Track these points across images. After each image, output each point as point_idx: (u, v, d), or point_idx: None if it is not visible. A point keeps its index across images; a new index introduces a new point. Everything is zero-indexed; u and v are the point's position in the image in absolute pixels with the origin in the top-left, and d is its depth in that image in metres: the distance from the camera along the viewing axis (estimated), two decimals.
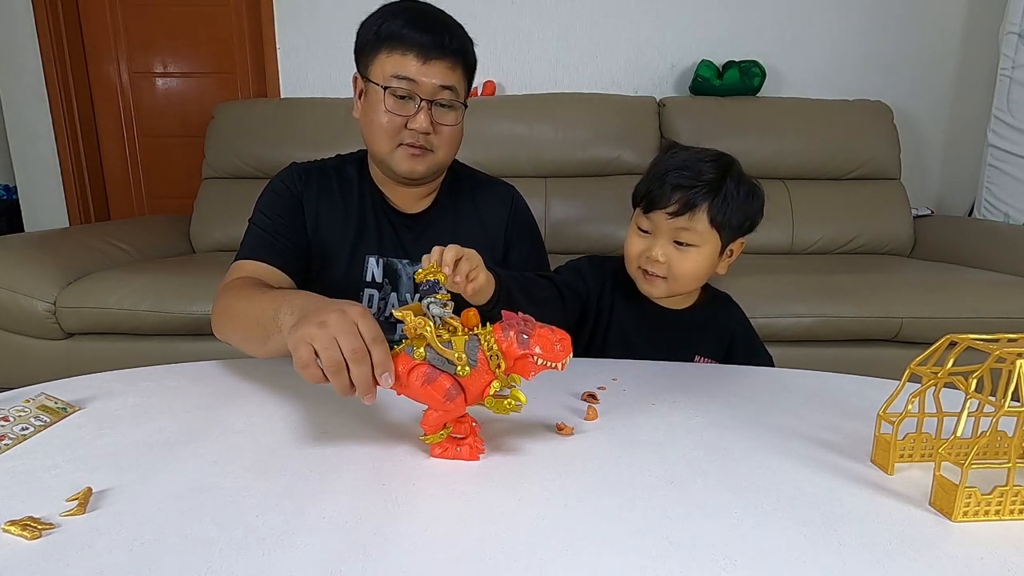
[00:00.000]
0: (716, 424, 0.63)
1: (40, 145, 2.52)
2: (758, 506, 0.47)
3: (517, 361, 0.52)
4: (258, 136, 2.20)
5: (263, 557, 0.40)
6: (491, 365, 0.52)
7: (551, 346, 0.51)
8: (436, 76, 0.82)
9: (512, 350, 0.51)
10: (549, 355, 0.51)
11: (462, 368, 0.51)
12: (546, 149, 2.17)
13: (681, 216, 0.77)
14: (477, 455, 0.54)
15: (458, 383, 0.52)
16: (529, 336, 0.51)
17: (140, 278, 1.64)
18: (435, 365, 0.52)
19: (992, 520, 0.45)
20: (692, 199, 0.76)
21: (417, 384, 0.52)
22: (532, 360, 0.51)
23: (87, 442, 0.56)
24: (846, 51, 2.42)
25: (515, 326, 0.52)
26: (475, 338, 0.52)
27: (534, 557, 0.40)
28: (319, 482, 0.49)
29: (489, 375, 0.52)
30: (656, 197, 0.77)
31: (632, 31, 2.40)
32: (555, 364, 0.51)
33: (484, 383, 0.52)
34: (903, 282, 1.69)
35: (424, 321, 0.52)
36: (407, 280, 0.93)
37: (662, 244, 0.79)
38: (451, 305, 0.54)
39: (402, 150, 0.86)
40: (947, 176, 2.54)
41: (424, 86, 0.82)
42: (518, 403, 0.53)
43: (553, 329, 0.52)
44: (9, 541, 0.41)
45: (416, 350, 0.53)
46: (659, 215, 0.78)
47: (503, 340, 0.51)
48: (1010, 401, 0.45)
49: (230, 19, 2.50)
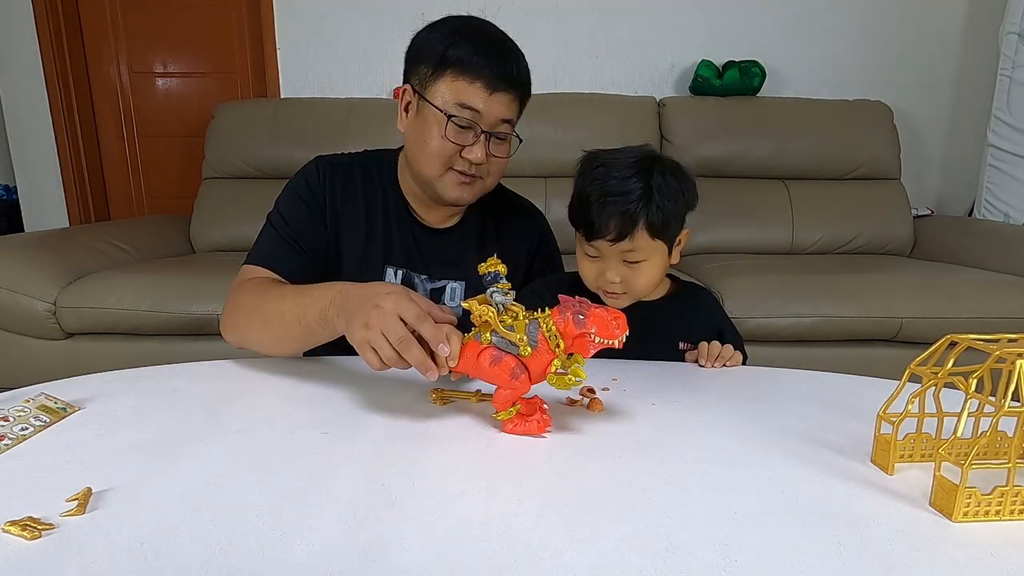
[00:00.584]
0: (716, 424, 0.63)
1: (40, 145, 2.52)
2: (758, 506, 0.47)
3: (575, 340, 0.56)
4: (258, 136, 2.20)
5: (263, 557, 0.40)
6: (551, 345, 0.56)
7: (606, 324, 0.55)
8: (499, 109, 0.81)
9: (569, 330, 0.55)
10: (605, 332, 0.55)
11: (524, 348, 0.57)
12: (546, 149, 2.17)
13: (622, 241, 0.76)
14: (544, 429, 0.59)
15: (522, 363, 0.57)
16: (585, 316, 0.55)
17: (140, 278, 1.64)
18: (500, 348, 0.58)
19: (992, 520, 0.45)
20: (628, 223, 0.75)
21: (485, 365, 0.58)
22: (589, 338, 0.55)
23: (87, 442, 0.56)
24: (846, 51, 2.42)
25: (571, 308, 0.56)
26: (535, 322, 0.57)
27: (534, 557, 0.40)
28: (319, 482, 0.49)
29: (550, 355, 0.57)
30: (592, 227, 0.77)
31: (632, 31, 2.40)
32: (611, 341, 0.55)
33: (546, 362, 0.57)
34: (903, 282, 1.69)
35: (487, 308, 0.58)
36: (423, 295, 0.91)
37: (613, 267, 0.79)
38: (513, 293, 0.59)
39: (452, 175, 0.84)
40: (947, 176, 2.54)
41: (487, 118, 0.81)
42: (578, 379, 0.58)
43: (608, 309, 0.56)
44: (9, 541, 0.41)
45: (483, 335, 0.59)
46: (602, 243, 0.77)
47: (560, 321, 0.56)
48: (1010, 401, 0.45)
49: (230, 19, 2.50)
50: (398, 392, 0.70)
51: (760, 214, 2.12)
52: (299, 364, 0.80)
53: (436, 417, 0.63)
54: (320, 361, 0.82)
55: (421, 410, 0.65)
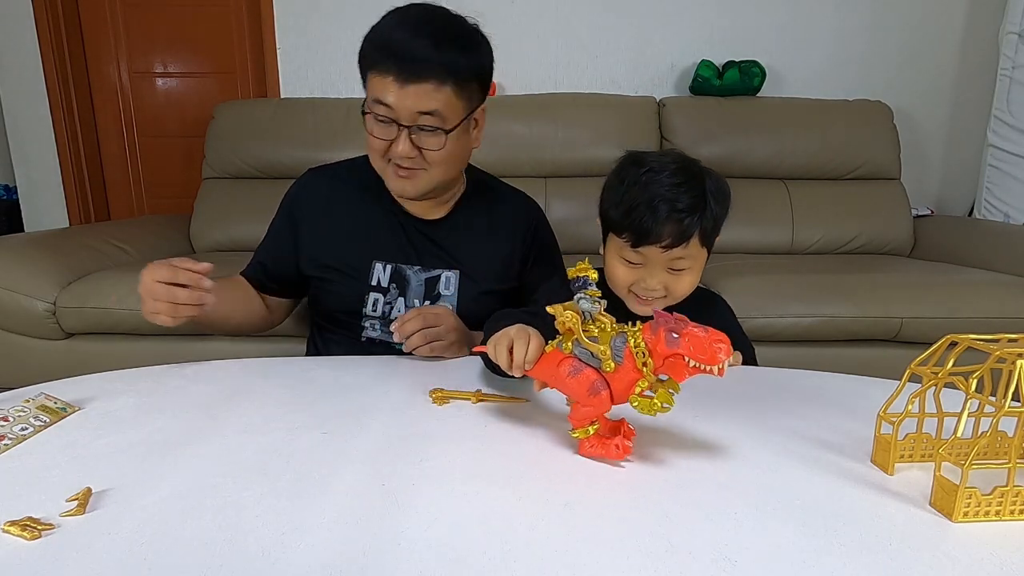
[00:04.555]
0: (716, 424, 0.63)
1: (40, 145, 2.52)
2: (758, 506, 0.47)
3: (667, 361, 0.50)
4: (258, 136, 2.20)
5: (263, 557, 0.40)
6: (638, 363, 0.51)
7: (706, 347, 0.47)
8: (414, 101, 0.78)
9: (660, 349, 0.50)
10: (702, 356, 0.48)
11: (607, 363, 0.52)
12: (546, 149, 2.17)
13: (675, 248, 0.74)
14: (623, 456, 0.53)
15: (604, 378, 0.52)
16: (679, 335, 0.49)
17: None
18: (582, 359, 0.53)
19: (992, 520, 0.45)
20: (687, 230, 0.72)
21: (564, 375, 0.53)
22: (684, 361, 0.49)
23: (87, 442, 0.56)
24: (846, 51, 2.41)
25: (664, 324, 0.50)
26: (623, 335, 0.52)
27: (534, 557, 0.40)
28: (319, 482, 0.49)
29: (636, 373, 0.51)
30: (645, 232, 0.73)
31: (632, 31, 2.40)
32: (711, 368, 0.47)
33: (630, 381, 0.51)
34: (903, 282, 1.68)
35: (571, 315, 0.53)
36: (417, 286, 0.92)
37: (656, 274, 0.76)
38: (603, 303, 0.55)
39: (391, 169, 0.85)
40: (947, 176, 2.53)
41: (401, 112, 0.78)
42: (666, 406, 0.51)
43: (708, 329, 0.48)
44: (9, 541, 0.41)
45: (565, 344, 0.55)
46: (652, 249, 0.74)
47: (651, 338, 0.50)
48: (1010, 401, 0.45)
49: (230, 19, 2.50)
50: (398, 392, 0.70)
51: (760, 214, 2.12)
52: (299, 364, 0.80)
53: (436, 417, 0.63)
54: (320, 361, 0.82)
55: (421, 410, 0.65)
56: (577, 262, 0.60)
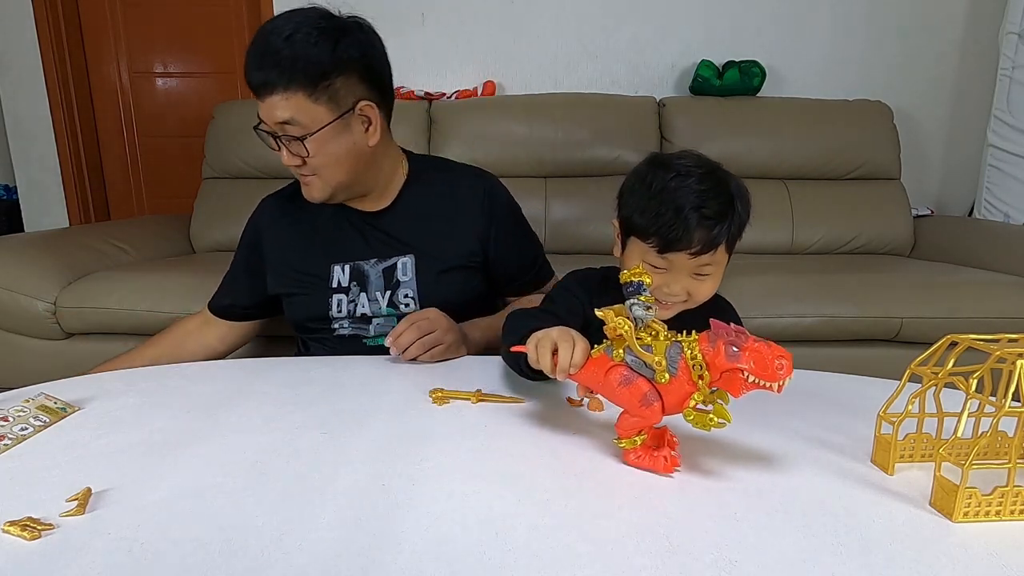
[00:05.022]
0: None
1: (40, 145, 2.51)
2: (758, 506, 0.47)
3: (724, 375, 0.48)
4: (258, 136, 2.19)
5: (263, 557, 0.40)
6: (693, 375, 0.49)
7: (766, 363, 0.46)
8: (270, 112, 0.82)
9: (718, 362, 0.48)
10: (762, 373, 0.46)
11: (661, 374, 0.50)
12: (546, 149, 2.17)
13: (703, 255, 0.73)
14: (671, 469, 0.51)
15: (656, 389, 0.50)
16: (740, 349, 0.47)
17: (140, 278, 1.64)
18: (633, 368, 0.51)
19: (993, 521, 0.45)
20: (716, 238, 0.72)
21: (614, 385, 0.52)
22: (742, 376, 0.47)
23: (87, 442, 0.56)
24: (846, 51, 2.41)
25: (724, 336, 0.48)
26: (678, 344, 0.50)
27: (534, 557, 0.40)
28: (319, 482, 0.49)
29: (691, 386, 0.49)
30: (674, 239, 0.71)
31: (632, 31, 2.40)
32: (770, 384, 0.46)
33: (685, 394, 0.50)
34: (903, 282, 1.68)
35: (624, 321, 0.51)
36: (376, 279, 0.93)
37: (680, 279, 0.74)
38: (656, 309, 0.53)
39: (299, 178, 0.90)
40: (947, 176, 2.53)
41: (269, 123, 0.83)
42: (722, 421, 0.49)
43: (770, 344, 0.47)
44: (9, 541, 0.41)
45: (615, 351, 0.52)
46: (679, 256, 0.72)
47: (708, 350, 0.48)
48: (1010, 401, 0.45)
49: (230, 19, 2.50)
50: (398, 392, 0.70)
51: (760, 214, 2.09)
52: (299, 364, 0.80)
53: (436, 417, 0.63)
54: (320, 361, 0.82)
55: (421, 410, 0.65)
56: (631, 266, 0.59)
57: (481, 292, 0.99)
